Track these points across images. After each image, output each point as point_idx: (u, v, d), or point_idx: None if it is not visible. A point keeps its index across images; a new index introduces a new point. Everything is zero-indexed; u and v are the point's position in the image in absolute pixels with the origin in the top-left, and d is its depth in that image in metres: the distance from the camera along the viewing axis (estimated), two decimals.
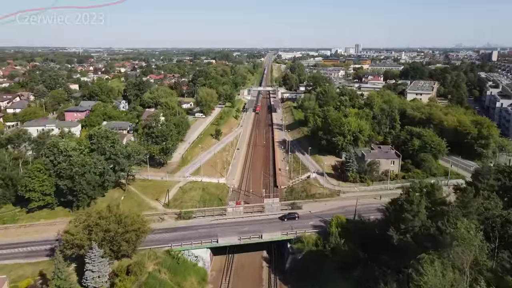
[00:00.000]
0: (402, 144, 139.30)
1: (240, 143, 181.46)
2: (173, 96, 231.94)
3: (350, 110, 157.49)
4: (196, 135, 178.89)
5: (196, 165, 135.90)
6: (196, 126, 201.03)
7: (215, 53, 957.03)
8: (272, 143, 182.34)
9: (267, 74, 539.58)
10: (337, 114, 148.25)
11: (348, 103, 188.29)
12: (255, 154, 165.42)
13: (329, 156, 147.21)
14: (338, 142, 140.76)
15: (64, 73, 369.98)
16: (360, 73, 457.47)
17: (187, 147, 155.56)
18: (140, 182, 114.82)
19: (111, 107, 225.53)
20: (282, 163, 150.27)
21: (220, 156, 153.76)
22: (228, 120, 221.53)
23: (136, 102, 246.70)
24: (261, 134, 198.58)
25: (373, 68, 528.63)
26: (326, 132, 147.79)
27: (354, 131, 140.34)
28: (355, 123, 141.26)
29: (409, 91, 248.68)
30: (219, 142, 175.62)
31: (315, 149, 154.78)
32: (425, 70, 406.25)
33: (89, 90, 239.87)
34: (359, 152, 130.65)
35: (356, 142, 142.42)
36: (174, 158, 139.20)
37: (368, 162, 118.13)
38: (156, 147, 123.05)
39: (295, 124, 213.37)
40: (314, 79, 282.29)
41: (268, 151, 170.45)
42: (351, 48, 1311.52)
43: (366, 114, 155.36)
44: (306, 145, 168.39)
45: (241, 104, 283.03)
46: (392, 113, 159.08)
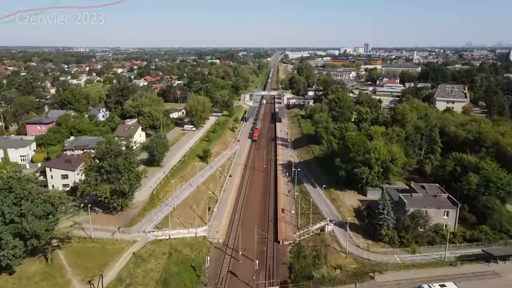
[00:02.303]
0: (449, 178, 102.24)
1: (235, 166, 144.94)
2: (159, 104, 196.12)
3: (376, 129, 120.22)
4: (179, 157, 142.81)
5: (168, 208, 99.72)
6: (182, 142, 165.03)
7: (220, 53, 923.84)
8: (274, 166, 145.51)
9: (273, 75, 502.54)
10: (360, 136, 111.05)
11: (369, 115, 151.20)
12: (252, 184, 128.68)
13: (349, 192, 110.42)
14: (362, 175, 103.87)
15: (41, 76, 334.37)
16: (374, 75, 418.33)
17: (162, 177, 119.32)
18: (78, 244, 78.73)
19: (85, 118, 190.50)
20: (286, 200, 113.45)
21: (205, 190, 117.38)
22: (222, 134, 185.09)
23: (117, 110, 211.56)
24: (262, 152, 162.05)
25: (387, 69, 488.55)
26: (345, 159, 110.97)
27: (384, 160, 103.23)
28: (385, 149, 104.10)
29: (438, 98, 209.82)
30: (208, 167, 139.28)
31: (330, 179, 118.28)
32: (447, 72, 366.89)
33: (61, 97, 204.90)
34: (393, 192, 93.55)
35: (386, 174, 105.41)
36: (141, 196, 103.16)
37: (411, 212, 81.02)
38: (107, 187, 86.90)
39: (303, 139, 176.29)
40: (325, 83, 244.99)
41: (269, 179, 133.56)
42: (360, 48, 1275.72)
43: (397, 135, 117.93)
44: (317, 171, 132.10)
45: (241, 112, 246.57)
46: (431, 132, 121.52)
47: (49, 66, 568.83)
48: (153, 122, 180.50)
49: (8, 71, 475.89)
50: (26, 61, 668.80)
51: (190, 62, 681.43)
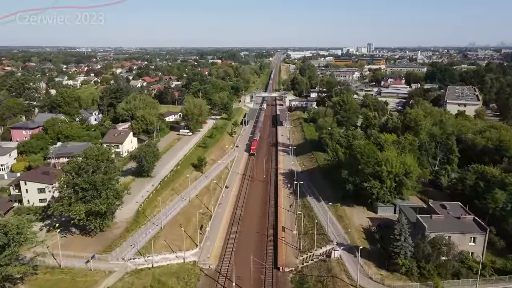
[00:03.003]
0: (470, 194, 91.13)
1: (232, 176, 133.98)
2: (153, 107, 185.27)
3: (386, 137, 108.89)
4: (172, 165, 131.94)
5: (155, 228, 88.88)
6: (176, 148, 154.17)
7: (222, 53, 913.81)
8: (275, 176, 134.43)
9: (275, 75, 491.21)
10: (369, 146, 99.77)
11: (377, 120, 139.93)
12: (250, 197, 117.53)
13: (357, 208, 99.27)
14: (372, 189, 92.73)
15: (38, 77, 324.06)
16: (378, 75, 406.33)
17: (151, 190, 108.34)
18: (44, 277, 67.86)
19: (75, 122, 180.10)
20: (287, 216, 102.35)
21: (199, 204, 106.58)
22: (220, 139, 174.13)
23: (110, 114, 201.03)
24: (261, 160, 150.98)
25: (392, 69, 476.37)
26: (353, 171, 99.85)
27: (398, 174, 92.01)
28: (397, 161, 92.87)
29: (449, 101, 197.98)
30: (202, 177, 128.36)
31: (336, 192, 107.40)
32: (455, 73, 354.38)
33: (50, 100, 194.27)
34: (408, 212, 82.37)
35: (399, 189, 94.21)
36: (125, 214, 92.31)
37: (432, 238, 69.81)
38: (81, 207, 75.90)
39: (305, 145, 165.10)
40: (329, 84, 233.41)
41: (269, 191, 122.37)
42: (363, 47, 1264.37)
43: (409, 143, 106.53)
44: (321, 182, 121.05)
45: (241, 115, 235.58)
46: (448, 141, 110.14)
47: (47, 67, 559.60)
48: (147, 126, 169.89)
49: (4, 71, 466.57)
50: (25, 61, 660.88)
51: (191, 62, 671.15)
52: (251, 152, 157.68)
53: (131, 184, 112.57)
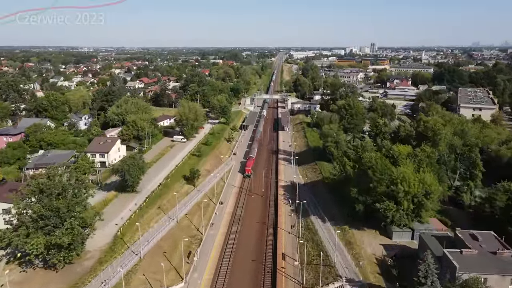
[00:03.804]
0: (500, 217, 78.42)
1: (227, 189, 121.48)
2: (145, 111, 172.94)
3: (400, 149, 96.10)
4: (162, 177, 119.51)
5: (133, 258, 76.34)
6: (168, 157, 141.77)
7: (224, 53, 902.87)
8: (275, 190, 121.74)
9: (277, 76, 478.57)
10: (382, 161, 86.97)
11: (387, 128, 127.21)
12: (247, 215, 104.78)
13: (368, 231, 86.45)
14: (386, 212, 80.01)
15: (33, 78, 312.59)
16: (384, 76, 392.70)
17: (134, 209, 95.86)
18: None
19: (63, 127, 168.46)
20: (288, 240, 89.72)
21: (188, 225, 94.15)
22: (216, 146, 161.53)
23: (100, 118, 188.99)
24: (261, 171, 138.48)
25: (398, 70, 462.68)
26: (363, 189, 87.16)
27: (416, 195, 79.20)
28: (416, 179, 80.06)
29: (462, 105, 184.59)
30: (194, 191, 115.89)
31: (343, 211, 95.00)
32: (464, 74, 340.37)
33: (36, 103, 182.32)
34: (431, 241, 69.62)
35: (418, 211, 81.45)
36: (101, 239, 79.97)
37: (464, 281, 57.03)
38: (41, 239, 63.34)
39: (309, 153, 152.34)
40: (333, 86, 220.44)
41: (268, 208, 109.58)
42: (366, 47, 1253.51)
43: (427, 156, 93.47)
44: (326, 198, 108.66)
45: (240, 119, 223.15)
46: (471, 153, 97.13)
47: (45, 67, 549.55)
48: (138, 132, 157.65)
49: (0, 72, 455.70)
50: (24, 61, 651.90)
51: (192, 62, 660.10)
52: (246, 173, 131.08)
53: (113, 201, 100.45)
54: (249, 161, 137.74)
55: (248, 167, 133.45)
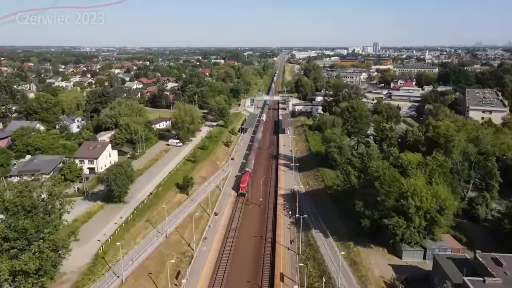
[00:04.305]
0: None
1: (223, 198, 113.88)
2: (140, 113, 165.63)
3: (409, 158, 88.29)
4: (153, 186, 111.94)
5: (114, 281, 68.79)
6: (162, 163, 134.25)
7: (225, 53, 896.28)
8: (274, 199, 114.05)
9: (278, 76, 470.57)
10: (390, 171, 79.11)
11: (394, 133, 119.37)
12: (243, 228, 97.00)
13: (375, 249, 78.60)
14: (395, 229, 72.25)
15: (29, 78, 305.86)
16: (387, 76, 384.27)
17: (120, 222, 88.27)
18: None
19: (51, 132, 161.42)
20: (288, 257, 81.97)
21: (178, 240, 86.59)
22: (213, 151, 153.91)
23: (93, 121, 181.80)
24: (259, 178, 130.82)
25: (401, 70, 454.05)
26: (370, 202, 79.40)
27: (429, 210, 71.38)
28: (428, 193, 72.26)
29: (472, 107, 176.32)
30: (187, 201, 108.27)
31: (347, 225, 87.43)
32: (470, 74, 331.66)
33: (26, 105, 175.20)
34: (447, 264, 61.84)
35: (430, 228, 73.64)
36: (79, 259, 72.44)
37: None
38: (5, 265, 55.81)
39: (310, 159, 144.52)
40: (336, 88, 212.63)
41: (266, 220, 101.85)
42: (369, 47, 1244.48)
43: (439, 165, 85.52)
44: (328, 209, 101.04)
45: (240, 121, 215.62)
46: (487, 162, 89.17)
47: (44, 67, 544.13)
48: (131, 136, 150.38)
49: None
50: (24, 61, 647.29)
51: (193, 62, 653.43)
52: (241, 191, 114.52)
53: (98, 213, 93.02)
54: (244, 176, 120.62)
55: (243, 183, 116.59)
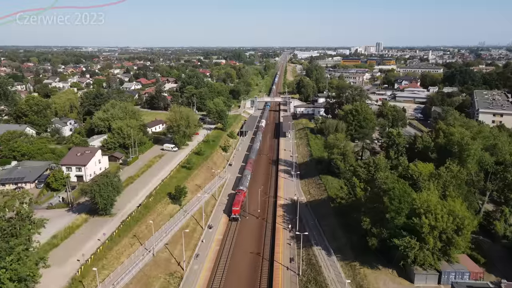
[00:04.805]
0: None
1: (219, 209, 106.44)
2: (133, 117, 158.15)
3: (420, 168, 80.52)
4: (144, 196, 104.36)
5: None
6: (155, 169, 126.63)
7: (227, 53, 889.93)
8: (273, 210, 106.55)
9: (280, 77, 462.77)
10: (400, 186, 71.21)
11: (401, 139, 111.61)
12: (239, 243, 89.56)
13: (384, 271, 70.89)
14: (407, 251, 64.54)
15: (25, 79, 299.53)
16: (391, 77, 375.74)
17: (103, 239, 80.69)
18: None
19: (41, 136, 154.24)
20: (286, 278, 74.31)
21: (167, 259, 79.05)
22: (210, 157, 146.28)
23: (86, 124, 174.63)
24: (258, 186, 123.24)
25: (406, 70, 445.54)
26: (377, 218, 71.71)
27: (445, 230, 63.64)
28: (443, 210, 64.53)
29: (482, 109, 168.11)
30: (181, 212, 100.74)
31: (352, 241, 79.87)
32: (477, 74, 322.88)
33: (15, 108, 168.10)
34: None
35: (446, 249, 65.88)
36: (54, 283, 64.99)
37: None
38: None
39: (312, 165, 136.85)
40: (339, 89, 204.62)
41: (264, 234, 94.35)
42: (371, 47, 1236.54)
43: (453, 176, 77.67)
44: (331, 222, 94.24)
45: (239, 123, 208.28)
46: (506, 173, 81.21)
47: (42, 67, 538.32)
48: (124, 140, 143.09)
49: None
50: (24, 61, 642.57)
51: (195, 62, 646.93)
52: (233, 215, 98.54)
53: (82, 227, 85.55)
54: (237, 197, 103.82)
55: (236, 206, 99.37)
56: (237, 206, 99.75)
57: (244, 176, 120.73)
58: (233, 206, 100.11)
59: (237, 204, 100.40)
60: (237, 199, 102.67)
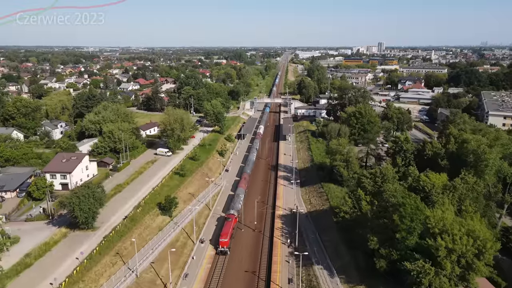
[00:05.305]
0: None
1: (212, 221, 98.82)
2: (126, 120, 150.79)
3: (433, 178, 72.72)
4: (131, 206, 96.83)
5: None
6: (146, 176, 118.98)
7: (228, 53, 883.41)
8: (271, 221, 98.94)
9: (281, 77, 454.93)
10: (411, 200, 63.45)
11: (409, 145, 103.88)
12: (233, 260, 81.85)
13: None
14: (421, 276, 56.80)
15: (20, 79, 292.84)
16: (394, 77, 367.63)
17: (82, 258, 73.12)
18: None
19: (29, 140, 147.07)
20: None
21: (152, 280, 71.47)
22: (205, 162, 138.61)
23: (77, 126, 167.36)
24: (255, 194, 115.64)
25: (409, 71, 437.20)
26: (385, 238, 64.02)
27: (464, 254, 55.92)
28: (461, 229, 56.82)
29: (491, 112, 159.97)
30: (171, 224, 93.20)
31: (357, 259, 72.25)
32: (483, 75, 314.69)
33: (3, 110, 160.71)
34: None
35: (465, 275, 58.07)
36: None
37: None
38: None
39: (313, 171, 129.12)
40: (341, 90, 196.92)
41: (261, 248, 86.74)
42: (373, 47, 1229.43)
43: (469, 188, 69.88)
44: (333, 237, 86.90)
45: (238, 125, 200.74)
46: None
47: (41, 67, 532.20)
48: (115, 144, 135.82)
49: None
50: (24, 61, 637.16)
51: (195, 62, 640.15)
52: (221, 248, 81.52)
53: (60, 243, 78.06)
54: (226, 225, 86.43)
55: (224, 236, 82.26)
56: (225, 236, 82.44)
57: (237, 195, 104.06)
58: (221, 236, 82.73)
59: (226, 234, 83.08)
60: (226, 228, 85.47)
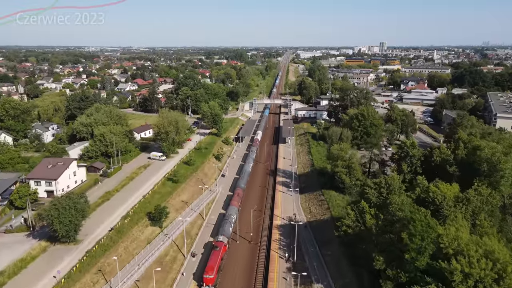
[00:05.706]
0: None
1: (206, 231, 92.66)
2: (119, 122, 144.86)
3: (443, 189, 66.43)
4: (119, 215, 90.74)
5: None
6: (137, 183, 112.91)
7: (229, 52, 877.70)
8: (268, 233, 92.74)
9: (282, 77, 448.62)
10: (420, 215, 57.23)
11: (416, 150, 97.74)
12: (226, 277, 75.52)
13: None
14: None
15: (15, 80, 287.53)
16: (397, 78, 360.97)
17: (59, 276, 67.02)
18: None
19: (18, 143, 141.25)
20: None
21: None
22: (200, 167, 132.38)
23: (68, 129, 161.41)
24: (252, 202, 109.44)
25: (412, 71, 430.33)
26: (393, 258, 57.79)
27: (482, 278, 49.67)
28: (478, 251, 50.58)
29: (500, 114, 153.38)
30: (161, 236, 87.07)
31: (361, 278, 65.97)
32: (487, 75, 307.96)
33: None
34: None
35: None
36: None
37: None
38: None
39: (313, 177, 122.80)
40: (343, 91, 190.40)
41: (257, 263, 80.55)
42: (375, 47, 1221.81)
43: (484, 201, 63.63)
44: (335, 251, 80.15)
45: (236, 128, 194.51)
46: None
47: (39, 67, 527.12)
48: (107, 148, 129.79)
49: None
50: (23, 61, 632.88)
51: (195, 62, 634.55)
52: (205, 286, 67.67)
53: (38, 259, 72.03)
54: (213, 256, 72.58)
55: (209, 272, 68.22)
56: (211, 272, 68.08)
57: (228, 216, 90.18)
58: (206, 272, 68.21)
59: (211, 268, 68.64)
60: (212, 260, 71.02)
